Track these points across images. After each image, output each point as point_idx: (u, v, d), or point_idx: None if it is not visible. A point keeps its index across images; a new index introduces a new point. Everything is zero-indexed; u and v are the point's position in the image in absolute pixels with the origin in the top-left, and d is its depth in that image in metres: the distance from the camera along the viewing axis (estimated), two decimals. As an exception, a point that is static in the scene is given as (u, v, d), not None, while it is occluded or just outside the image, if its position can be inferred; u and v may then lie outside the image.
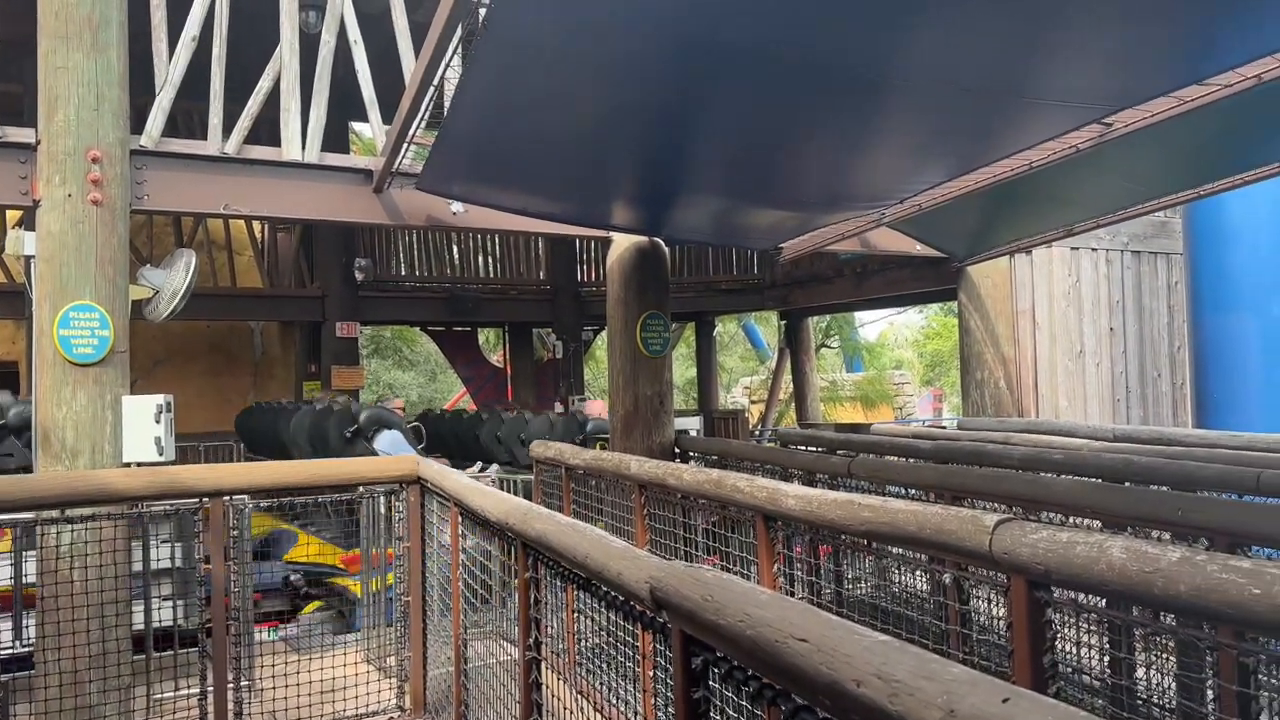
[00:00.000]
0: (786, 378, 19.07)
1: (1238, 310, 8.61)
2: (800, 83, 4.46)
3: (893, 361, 39.12)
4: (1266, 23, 3.88)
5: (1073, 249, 9.86)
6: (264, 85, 7.03)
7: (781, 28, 3.86)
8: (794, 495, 3.68)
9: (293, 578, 8.54)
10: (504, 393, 16.84)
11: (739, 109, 4.92)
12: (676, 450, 7.79)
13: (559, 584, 4.01)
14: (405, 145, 6.52)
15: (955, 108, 4.88)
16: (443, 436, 12.29)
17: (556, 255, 16.86)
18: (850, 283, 14.51)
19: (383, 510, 6.21)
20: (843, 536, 3.65)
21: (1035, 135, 5.21)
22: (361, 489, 5.72)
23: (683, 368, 29.74)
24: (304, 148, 7.07)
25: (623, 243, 7.86)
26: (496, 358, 19.49)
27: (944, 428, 10.63)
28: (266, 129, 7.39)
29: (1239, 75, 4.24)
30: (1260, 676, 2.90)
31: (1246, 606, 1.95)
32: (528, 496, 6.10)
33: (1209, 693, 3.08)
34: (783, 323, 19.23)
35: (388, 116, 7.24)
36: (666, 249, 7.98)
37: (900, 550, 3.39)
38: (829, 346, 26.22)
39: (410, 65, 7.01)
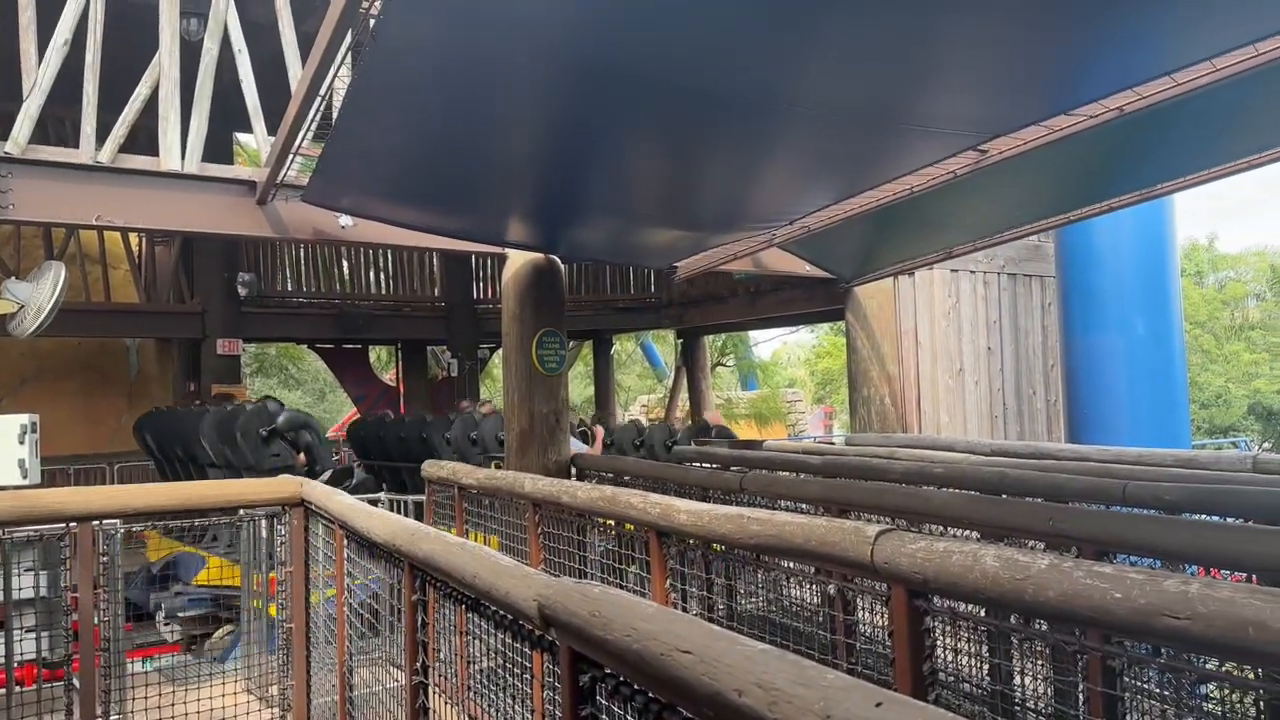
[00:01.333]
0: (684, 396, 19.25)
1: (1105, 331, 9.12)
2: (693, 106, 4.53)
3: (786, 380, 39.94)
4: (1127, 58, 4.13)
5: (952, 271, 10.27)
6: (141, 92, 6.74)
7: (674, 53, 3.91)
8: (686, 511, 3.70)
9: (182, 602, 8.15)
10: (397, 411, 16.48)
11: (634, 130, 4.97)
12: (573, 468, 7.76)
13: (450, 605, 3.93)
14: (291, 156, 6.34)
15: (841, 133, 5.04)
16: (384, 441, 11.62)
17: (452, 271, 16.64)
18: (745, 302, 14.77)
19: (264, 534, 5.98)
20: (734, 550, 3.69)
21: (916, 161, 5.41)
22: (242, 512, 5.50)
23: (580, 386, 29.70)
24: (183, 158, 6.80)
25: (519, 259, 7.81)
26: (389, 376, 19.09)
27: (833, 444, 10.90)
28: (145, 138, 7.09)
29: (1103, 107, 4.49)
30: (1126, 678, 3.05)
31: (1109, 610, 2.05)
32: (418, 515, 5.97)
33: (1080, 695, 3.22)
34: (680, 341, 19.43)
35: (274, 127, 7.04)
36: (563, 266, 7.97)
37: (790, 563, 3.44)
38: (725, 365, 26.60)
39: (297, 75, 6.84)
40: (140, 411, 15.84)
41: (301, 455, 9.41)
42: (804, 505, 5.05)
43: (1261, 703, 2.78)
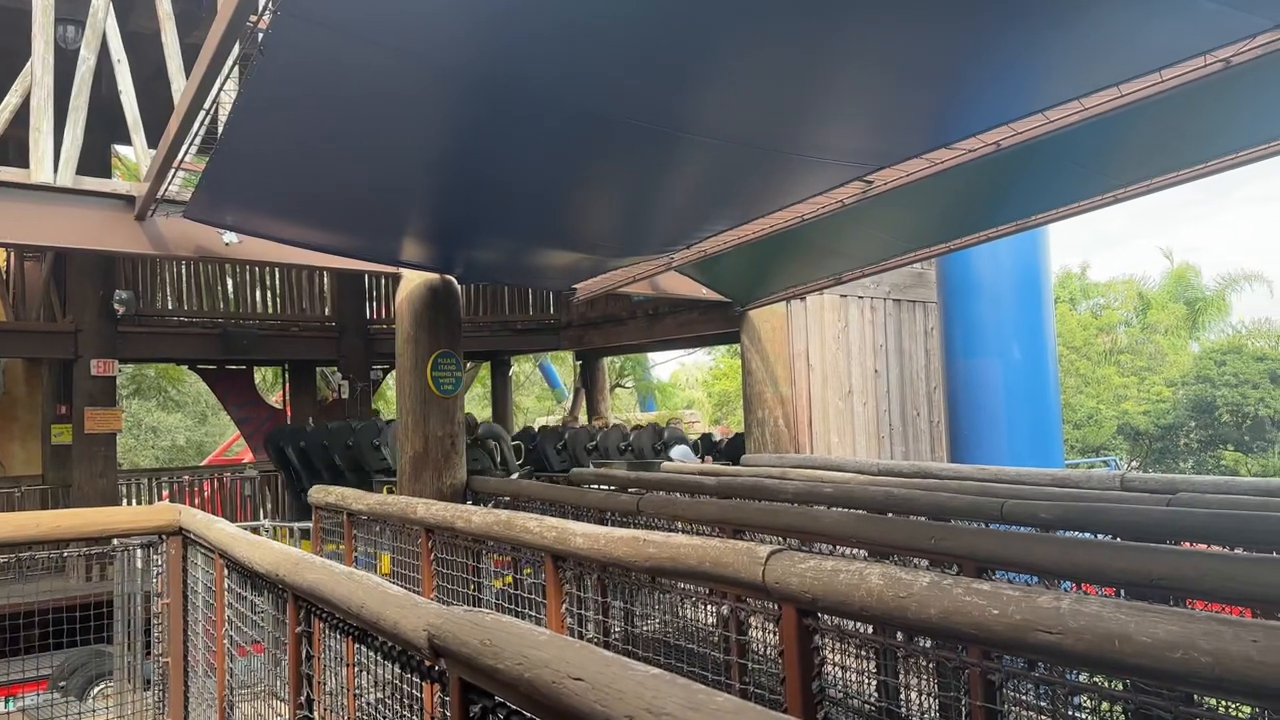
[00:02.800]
0: (583, 417, 19.21)
1: (984, 355, 9.53)
2: (592, 129, 4.56)
3: (684, 401, 40.30)
4: (1003, 96, 4.35)
5: (842, 296, 10.58)
6: (11, 101, 6.40)
7: (571, 77, 3.94)
8: (582, 534, 3.69)
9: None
10: (284, 435, 15.94)
11: (532, 152, 4.96)
12: (469, 493, 7.64)
13: (337, 637, 3.81)
14: (173, 171, 6.10)
15: (737, 161, 5.14)
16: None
17: (344, 291, 16.24)
18: (643, 324, 14.87)
19: (139, 564, 5.69)
20: (631, 573, 3.69)
21: (807, 190, 5.56)
22: (116, 542, 5.22)
23: (478, 407, 29.34)
24: (56, 170, 6.47)
25: (414, 279, 7.69)
26: (275, 399, 18.47)
27: (729, 464, 11.03)
28: (15, 149, 6.72)
29: (980, 141, 4.71)
30: (1006, 692, 3.17)
31: (987, 626, 2.13)
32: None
33: (963, 710, 3.32)
34: (579, 363, 19.42)
35: (155, 140, 6.77)
36: (459, 286, 7.88)
37: (686, 585, 3.46)
38: (623, 386, 26.71)
39: (181, 87, 6.60)
40: (7, 436, 14.91)
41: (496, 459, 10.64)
42: (701, 526, 5.10)
43: (1129, 713, 2.92)
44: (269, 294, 16.33)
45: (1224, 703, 2.24)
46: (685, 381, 42.75)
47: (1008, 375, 9.43)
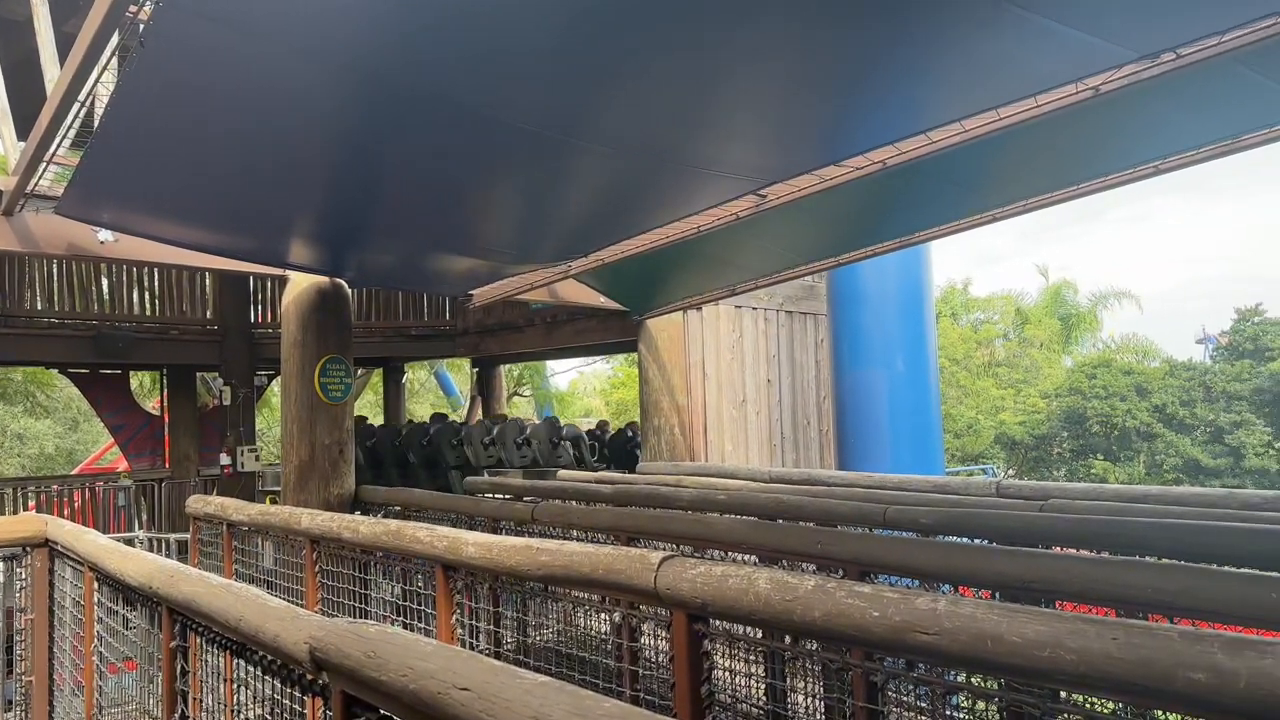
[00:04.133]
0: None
1: (870, 366, 9.84)
2: (488, 134, 4.52)
3: (583, 409, 40.20)
4: (889, 117, 4.51)
5: (737, 307, 10.76)
6: None
7: (468, 81, 3.90)
8: (474, 543, 3.64)
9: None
10: (160, 442, 15.25)
11: (428, 156, 4.89)
12: (358, 502, 7.46)
13: (215, 651, 3.66)
14: (44, 164, 5.78)
15: (634, 171, 5.19)
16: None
17: (227, 293, 15.64)
18: (541, 332, 14.79)
19: (0, 579, 5.35)
20: (525, 582, 3.66)
21: (703, 202, 5.64)
22: (-29, 555, 4.90)
23: (369, 414, 28.65)
24: (-90, 158, 6.06)
25: (301, 282, 7.47)
26: (152, 404, 17.65)
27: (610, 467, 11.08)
28: None
29: (867, 160, 4.87)
30: (888, 692, 3.26)
31: (868, 628, 2.19)
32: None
33: (848, 710, 3.41)
34: (475, 370, 19.17)
35: (25, 132, 6.40)
36: (350, 290, 7.70)
37: (580, 593, 3.45)
38: (521, 395, 26.50)
39: (54, 77, 6.26)
40: None
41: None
42: (597, 534, 5.10)
43: (1003, 711, 3.05)
44: (147, 295, 15.60)
45: (1089, 699, 2.36)
46: (584, 390, 42.68)
47: (892, 386, 9.75)
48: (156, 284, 15.63)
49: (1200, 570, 2.60)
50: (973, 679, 2.58)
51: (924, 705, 3.37)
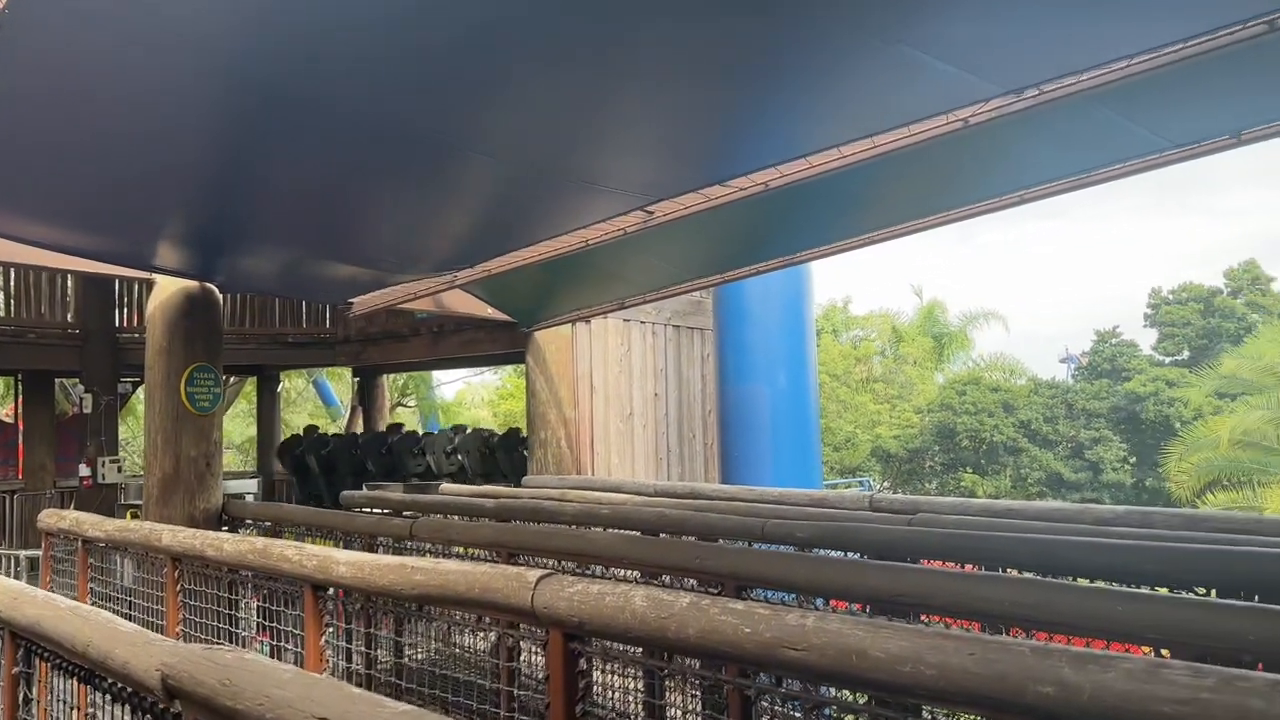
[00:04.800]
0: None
1: (754, 381, 10.03)
2: (370, 143, 4.42)
3: (471, 420, 39.58)
4: (772, 140, 4.61)
5: (625, 321, 10.80)
6: None
7: (349, 86, 3.80)
8: (345, 562, 3.54)
9: None
10: (13, 452, 14.31)
11: (306, 160, 4.74)
12: (226, 518, 7.14)
13: (63, 678, 3.44)
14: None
15: (522, 183, 5.15)
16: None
17: (90, 295, 14.78)
18: (427, 342, 14.51)
19: None
20: (401, 602, 3.57)
21: (591, 216, 5.65)
22: None
23: (241, 424, 27.59)
24: None
25: (169, 287, 7.13)
26: (5, 412, 16.54)
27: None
28: None
29: (751, 181, 4.97)
30: (762, 704, 3.31)
31: (740, 644, 2.22)
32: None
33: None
34: (356, 380, 18.66)
35: None
36: (221, 296, 7.39)
37: (459, 613, 3.38)
38: (405, 405, 25.93)
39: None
40: None
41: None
42: (478, 550, 5.02)
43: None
44: (1, 295, 14.63)
45: (950, 713, 2.44)
46: (472, 400, 42.10)
47: (774, 401, 9.97)
48: (12, 284, 14.67)
49: (1054, 585, 2.73)
50: (842, 694, 2.64)
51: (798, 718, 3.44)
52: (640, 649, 2.98)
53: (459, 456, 13.95)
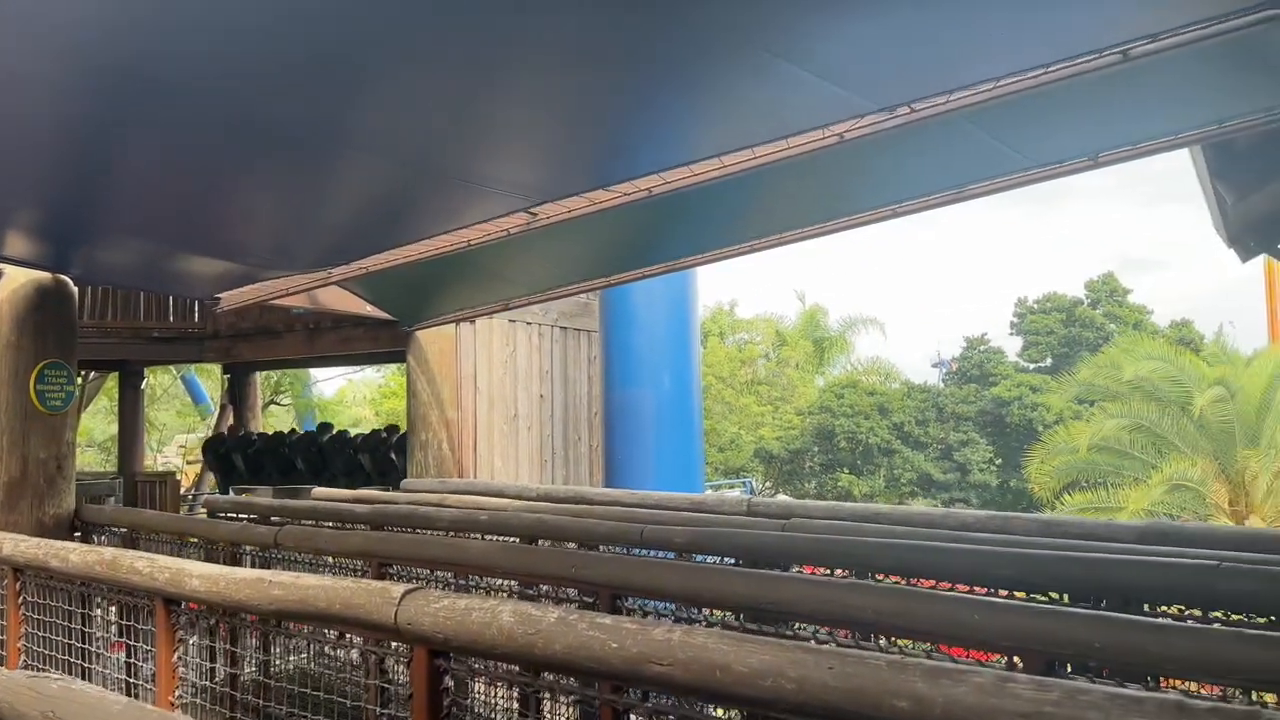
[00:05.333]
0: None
1: (639, 385, 10.06)
2: (239, 136, 4.23)
3: (351, 419, 38.49)
4: (656, 147, 4.63)
5: (511, 321, 10.67)
6: None
7: (214, 74, 3.61)
8: (199, 575, 3.36)
9: None
10: None
11: (169, 150, 4.51)
12: (79, 524, 6.72)
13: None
14: None
15: (399, 181, 5.02)
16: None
17: (-69, 284, 13.76)
18: (302, 338, 14.00)
19: None
20: (258, 618, 3.41)
21: (473, 216, 5.54)
22: None
23: (103, 422, 26.15)
24: None
25: (18, 278, 6.67)
26: None
27: (388, 487, 10.67)
28: None
29: (635, 186, 4.96)
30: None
31: (607, 660, 2.19)
32: None
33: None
34: (227, 376, 17.89)
35: None
36: (76, 288, 6.96)
37: (324, 629, 3.25)
38: (279, 403, 25.01)
39: None
40: None
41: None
42: (349, 560, 4.85)
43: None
44: None
45: None
46: (353, 398, 40.99)
47: (658, 405, 10.02)
48: None
49: (914, 593, 2.81)
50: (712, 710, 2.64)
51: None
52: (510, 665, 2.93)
53: (393, 456, 13.72)
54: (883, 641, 2.82)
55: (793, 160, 4.40)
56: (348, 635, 3.04)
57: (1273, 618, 2.97)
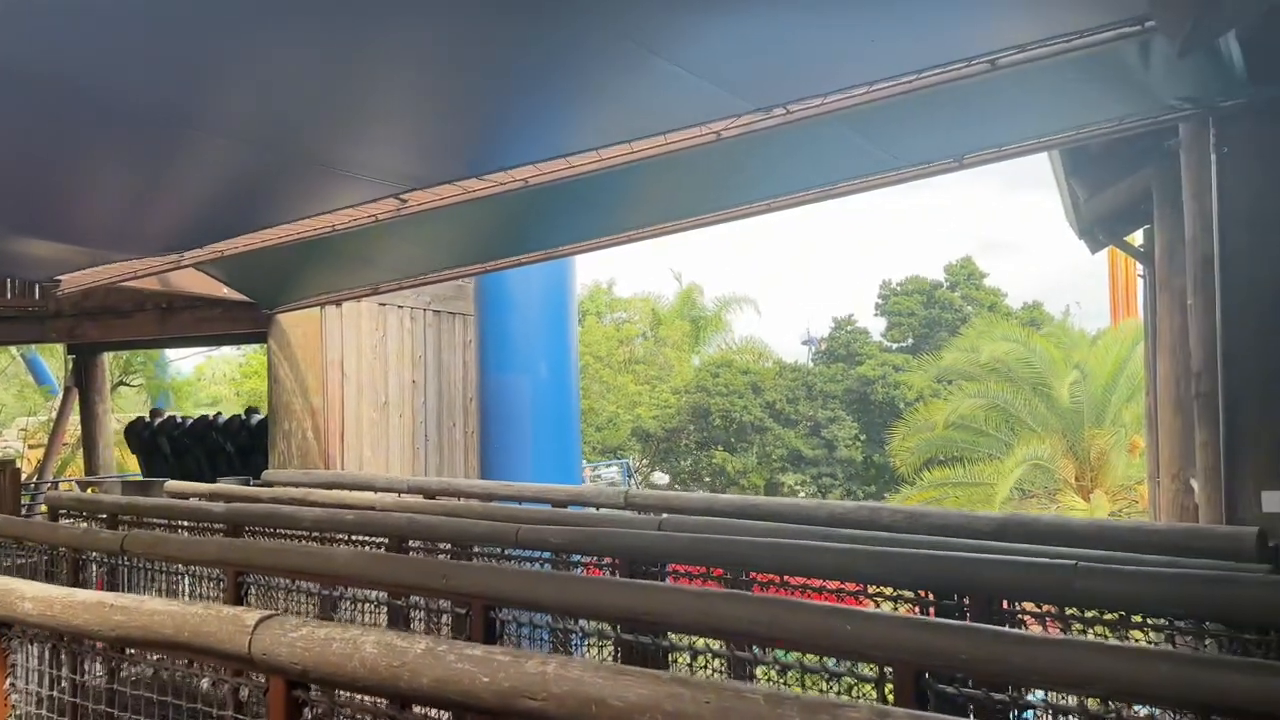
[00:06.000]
0: (75, 419, 16.62)
1: (515, 371, 9.90)
2: (78, 115, 3.89)
3: (210, 398, 36.75)
4: (533, 138, 4.50)
5: (381, 305, 10.30)
6: None
7: (49, 48, 3.28)
8: (33, 597, 3.08)
9: None
10: None
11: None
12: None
13: None
14: None
15: (257, 166, 4.76)
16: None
17: None
18: (154, 318, 13.22)
19: None
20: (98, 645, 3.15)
21: (338, 201, 5.30)
22: None
23: (-69, 405, 24.18)
24: None
25: None
26: None
27: (249, 479, 10.19)
28: None
29: (510, 176, 4.82)
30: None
31: (477, 695, 2.10)
32: None
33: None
34: (72, 357, 16.74)
35: None
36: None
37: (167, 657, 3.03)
38: (129, 384, 23.59)
39: None
40: None
41: None
42: (202, 569, 4.57)
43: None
44: None
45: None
46: (212, 376, 39.18)
47: (535, 391, 9.89)
48: None
49: (788, 604, 2.82)
50: None
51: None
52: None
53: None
54: (759, 651, 2.82)
55: (670, 155, 4.36)
56: (200, 664, 2.84)
57: (1123, 613, 3.13)
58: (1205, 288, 4.51)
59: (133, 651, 2.96)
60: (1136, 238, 9.37)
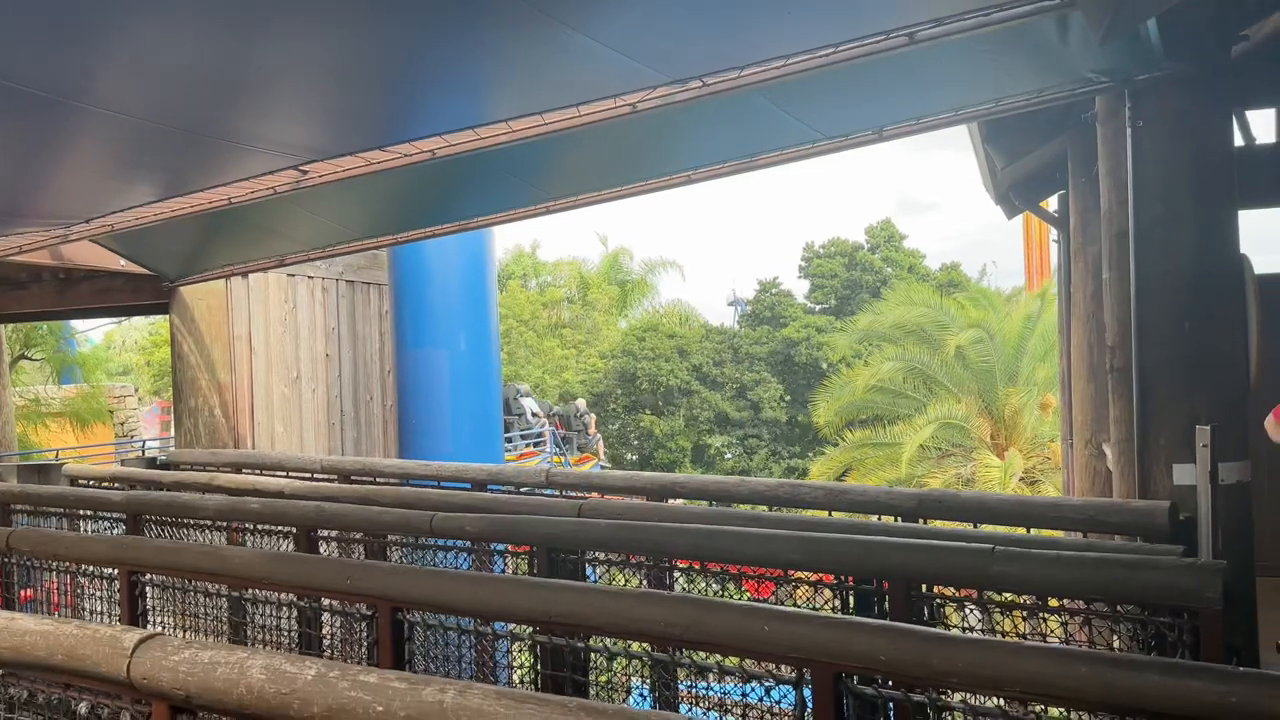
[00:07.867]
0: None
1: (433, 345, 9.64)
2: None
3: (119, 367, 35.41)
4: (439, 110, 4.29)
5: (290, 276, 9.87)
6: None
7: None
8: (-110, 616, 2.83)
9: None
10: None
11: None
12: None
13: None
14: None
15: (147, 138, 4.43)
16: None
17: None
18: (52, 290, 12.52)
19: None
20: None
21: (234, 174, 5.01)
22: None
23: None
24: None
25: None
26: None
27: (156, 458, 9.78)
28: None
29: (416, 148, 4.59)
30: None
31: (371, 724, 1.96)
32: None
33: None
34: (-37, 331, 15.84)
35: None
36: None
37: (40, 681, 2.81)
38: (30, 358, 22.49)
39: None
40: None
41: None
42: (93, 568, 4.30)
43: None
44: None
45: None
46: (121, 344, 37.73)
47: (454, 365, 9.65)
48: None
49: (706, 604, 2.73)
50: None
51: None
52: None
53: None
54: (678, 653, 2.73)
55: (584, 128, 4.19)
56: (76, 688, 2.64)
57: (1034, 597, 3.14)
58: (1120, 263, 4.54)
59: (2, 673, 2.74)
60: (1051, 203, 9.53)
